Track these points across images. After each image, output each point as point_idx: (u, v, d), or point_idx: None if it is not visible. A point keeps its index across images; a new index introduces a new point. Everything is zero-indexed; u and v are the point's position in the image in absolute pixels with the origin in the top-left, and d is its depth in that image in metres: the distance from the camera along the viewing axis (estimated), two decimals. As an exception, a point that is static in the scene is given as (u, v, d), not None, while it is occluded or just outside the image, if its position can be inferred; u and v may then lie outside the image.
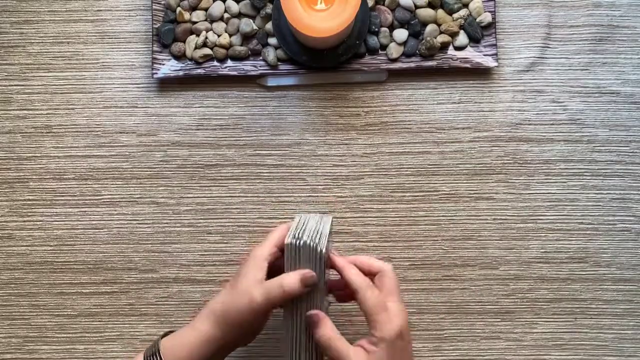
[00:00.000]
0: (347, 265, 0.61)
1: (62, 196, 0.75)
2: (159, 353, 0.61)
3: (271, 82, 0.75)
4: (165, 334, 0.64)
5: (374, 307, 0.59)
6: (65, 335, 0.74)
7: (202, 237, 0.74)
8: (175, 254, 0.75)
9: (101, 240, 0.75)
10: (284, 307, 0.62)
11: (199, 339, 0.61)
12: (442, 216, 0.74)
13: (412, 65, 0.74)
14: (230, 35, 0.74)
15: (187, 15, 0.74)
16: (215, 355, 0.62)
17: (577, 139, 0.74)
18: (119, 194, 0.75)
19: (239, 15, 0.74)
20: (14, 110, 0.76)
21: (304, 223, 0.63)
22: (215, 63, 0.74)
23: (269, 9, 0.73)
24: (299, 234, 0.61)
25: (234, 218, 0.74)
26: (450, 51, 0.74)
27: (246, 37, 0.74)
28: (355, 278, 0.60)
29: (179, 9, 0.74)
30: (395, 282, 0.61)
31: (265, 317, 0.63)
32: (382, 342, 0.58)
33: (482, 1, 0.74)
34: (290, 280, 0.60)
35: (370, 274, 0.62)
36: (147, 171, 0.75)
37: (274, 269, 0.62)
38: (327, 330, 0.59)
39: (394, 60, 0.74)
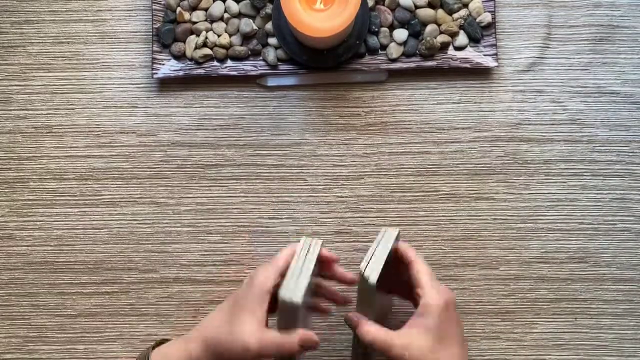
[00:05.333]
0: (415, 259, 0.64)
1: (62, 196, 0.75)
2: None
3: (271, 82, 0.75)
4: (160, 342, 0.65)
5: (427, 280, 0.61)
6: (65, 335, 0.74)
7: (202, 237, 0.74)
8: (175, 254, 0.75)
9: (101, 240, 0.75)
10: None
11: None
12: (442, 216, 0.74)
13: (412, 65, 0.74)
14: (230, 35, 0.74)
15: (187, 15, 0.74)
16: None
17: (577, 139, 0.74)
18: (119, 194, 0.75)
19: (239, 15, 0.74)
20: (14, 110, 0.76)
21: (303, 259, 0.63)
22: (215, 63, 0.74)
23: (269, 9, 0.73)
24: (293, 285, 0.60)
25: (234, 218, 0.74)
26: (450, 51, 0.74)
27: (246, 37, 0.74)
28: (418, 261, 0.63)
29: (179, 9, 0.74)
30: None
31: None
32: (428, 308, 0.60)
33: (482, 1, 0.74)
34: (289, 342, 0.60)
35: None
36: (147, 171, 0.75)
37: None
38: (367, 328, 0.61)
39: (394, 60, 0.74)
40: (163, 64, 0.74)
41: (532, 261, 0.74)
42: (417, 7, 0.74)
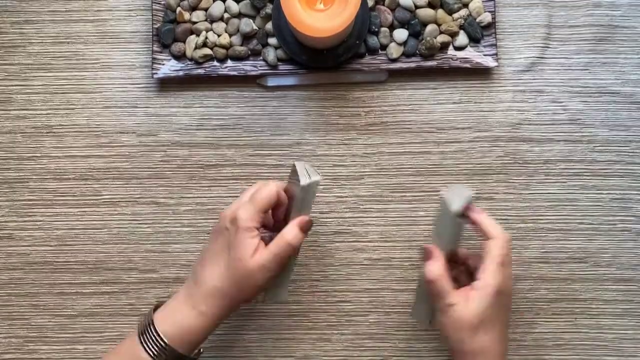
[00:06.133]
0: (484, 216, 0.63)
1: (62, 196, 0.75)
2: (158, 335, 0.61)
3: (271, 82, 0.75)
4: (156, 307, 0.64)
5: (498, 256, 0.61)
6: (65, 335, 0.74)
7: (202, 237, 0.74)
8: (175, 254, 0.75)
9: (101, 240, 0.75)
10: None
11: (208, 324, 0.62)
12: (442, 216, 0.74)
13: (412, 65, 0.74)
14: (230, 35, 0.74)
15: (187, 15, 0.74)
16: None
17: (577, 139, 0.74)
18: (119, 194, 0.75)
19: (239, 15, 0.74)
20: (14, 110, 0.76)
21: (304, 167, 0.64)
22: (215, 63, 0.74)
23: (269, 9, 0.73)
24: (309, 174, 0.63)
25: (234, 218, 0.74)
26: (450, 51, 0.74)
27: (246, 37, 0.74)
28: (497, 228, 0.62)
29: (179, 9, 0.74)
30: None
31: None
32: (487, 288, 0.60)
33: (482, 1, 0.74)
34: (293, 233, 0.62)
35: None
36: (147, 171, 0.75)
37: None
38: (436, 267, 0.62)
39: (394, 60, 0.74)
40: (163, 64, 0.74)
41: (532, 261, 0.74)
42: (417, 7, 0.74)
